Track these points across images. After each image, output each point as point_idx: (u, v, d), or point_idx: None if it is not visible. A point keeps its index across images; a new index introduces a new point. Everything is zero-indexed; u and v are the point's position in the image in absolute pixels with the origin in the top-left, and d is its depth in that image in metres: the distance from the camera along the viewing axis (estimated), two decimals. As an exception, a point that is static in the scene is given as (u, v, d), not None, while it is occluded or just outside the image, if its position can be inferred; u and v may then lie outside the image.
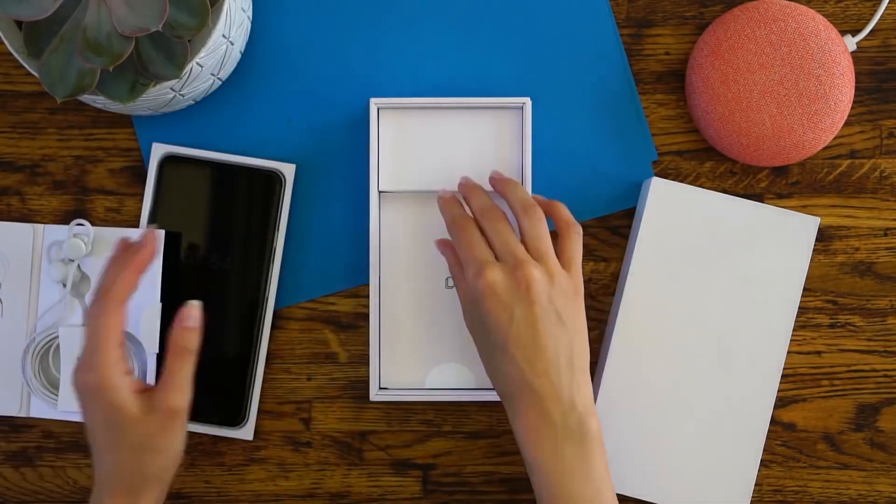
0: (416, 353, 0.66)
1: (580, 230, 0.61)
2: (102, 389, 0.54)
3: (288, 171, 0.67)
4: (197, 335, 0.57)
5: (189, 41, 0.58)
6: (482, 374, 0.65)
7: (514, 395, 0.57)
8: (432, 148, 0.65)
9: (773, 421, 0.68)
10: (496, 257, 0.58)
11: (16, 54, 0.58)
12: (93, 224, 0.67)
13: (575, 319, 0.58)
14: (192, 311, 0.57)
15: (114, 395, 0.54)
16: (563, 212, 0.61)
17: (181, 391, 0.56)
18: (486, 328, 0.57)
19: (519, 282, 0.56)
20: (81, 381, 0.55)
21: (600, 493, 0.56)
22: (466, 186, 0.63)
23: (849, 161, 0.68)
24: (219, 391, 0.67)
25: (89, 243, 0.65)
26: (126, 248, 0.57)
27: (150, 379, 0.66)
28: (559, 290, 0.57)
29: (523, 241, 0.59)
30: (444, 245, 0.63)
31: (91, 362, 0.54)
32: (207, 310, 0.67)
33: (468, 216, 0.61)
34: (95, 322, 0.55)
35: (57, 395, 0.66)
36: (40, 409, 0.67)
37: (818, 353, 0.68)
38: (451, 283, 0.65)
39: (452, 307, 0.66)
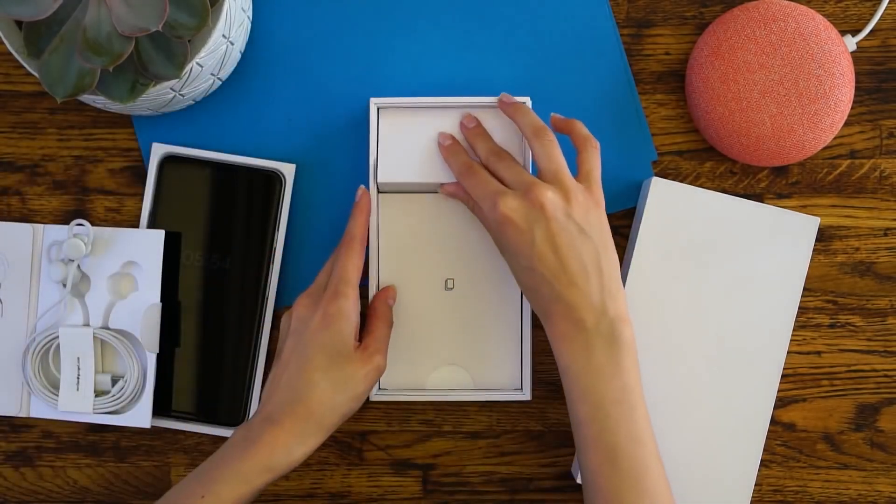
0: (415, 356, 0.66)
1: (597, 144, 0.61)
2: (341, 318, 0.59)
3: (288, 171, 0.67)
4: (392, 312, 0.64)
5: (189, 41, 0.58)
6: (481, 376, 0.66)
7: (548, 311, 0.58)
8: (432, 147, 0.65)
9: (773, 421, 0.68)
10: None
11: (16, 54, 0.58)
12: (93, 224, 0.67)
13: (599, 231, 0.58)
14: (393, 292, 0.65)
15: (347, 326, 0.59)
16: (581, 128, 0.62)
17: (385, 355, 0.61)
18: (513, 254, 0.59)
19: (533, 203, 0.57)
20: (326, 305, 0.60)
21: (629, 391, 0.56)
22: (470, 132, 0.64)
23: (849, 161, 0.68)
24: (219, 391, 0.67)
25: (89, 243, 0.65)
26: (356, 202, 0.64)
27: (150, 379, 0.66)
28: (577, 205, 0.58)
29: (537, 163, 0.60)
30: (455, 188, 0.64)
31: (339, 291, 0.60)
32: (207, 310, 0.68)
33: (475, 161, 0.63)
34: (346, 259, 0.61)
35: (57, 395, 0.66)
36: (40, 409, 0.67)
37: (818, 353, 0.68)
38: (450, 284, 0.65)
39: (452, 309, 0.66)
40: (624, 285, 0.66)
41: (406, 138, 0.65)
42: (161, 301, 0.65)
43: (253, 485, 0.57)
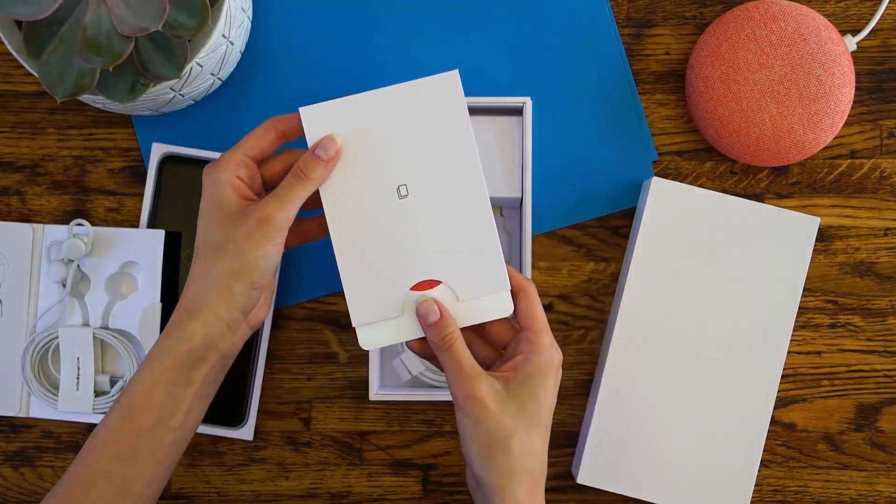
0: (385, 275, 0.56)
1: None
2: (209, 180, 0.54)
3: (288, 171, 0.67)
4: (324, 168, 0.54)
5: (189, 41, 0.58)
6: (463, 285, 0.56)
7: (533, 474, 0.53)
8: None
9: (773, 421, 0.68)
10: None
11: (16, 54, 0.58)
12: (92, 224, 0.67)
13: None
14: (329, 144, 0.54)
15: (215, 187, 0.54)
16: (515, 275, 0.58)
17: (280, 205, 0.53)
18: (536, 403, 0.53)
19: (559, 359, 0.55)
20: (203, 173, 0.55)
21: None
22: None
23: (849, 161, 0.68)
24: (219, 391, 0.67)
25: (89, 243, 0.65)
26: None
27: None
28: None
29: (528, 316, 0.56)
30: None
31: (218, 158, 0.55)
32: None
33: None
34: (246, 135, 0.55)
35: (57, 395, 0.66)
36: (40, 409, 0.67)
37: (818, 353, 0.68)
38: (403, 192, 0.55)
39: (411, 219, 0.56)
40: (624, 286, 0.66)
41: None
42: (161, 301, 0.65)
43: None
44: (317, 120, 0.55)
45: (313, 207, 0.56)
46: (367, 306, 0.56)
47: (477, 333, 0.57)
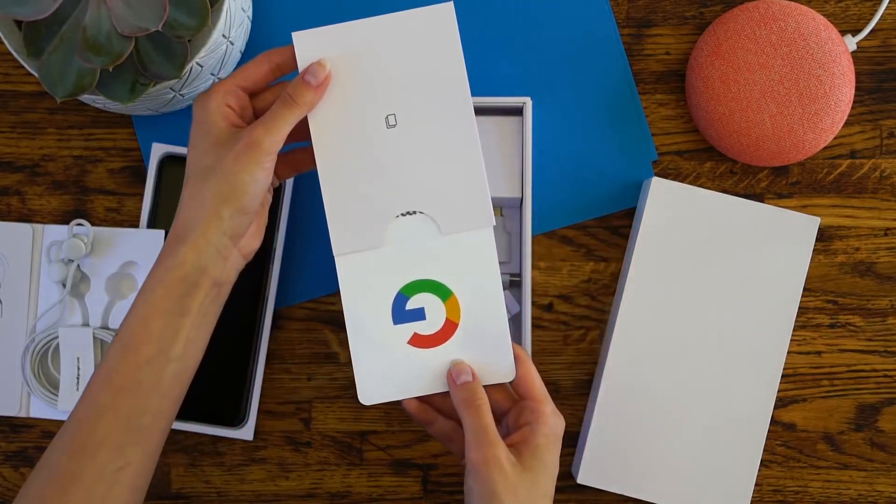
0: (367, 206, 0.56)
1: None
2: (198, 107, 0.54)
3: (288, 171, 0.67)
4: (313, 94, 0.54)
5: (189, 41, 0.58)
6: (446, 219, 0.56)
7: None
8: None
9: (773, 421, 0.68)
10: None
11: (16, 54, 0.58)
12: (92, 224, 0.67)
13: None
14: (318, 69, 0.54)
15: (203, 113, 0.53)
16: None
17: (268, 129, 0.52)
18: (546, 475, 0.54)
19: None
20: (194, 102, 0.54)
21: None
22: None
23: (849, 161, 0.68)
24: (219, 391, 0.67)
25: (89, 243, 0.65)
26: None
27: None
28: None
29: (526, 386, 0.57)
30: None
31: (209, 87, 0.54)
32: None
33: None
34: (239, 67, 0.55)
35: (57, 395, 0.66)
36: (40, 409, 0.67)
37: (818, 353, 0.68)
38: (392, 121, 0.55)
39: (399, 149, 0.56)
40: (624, 286, 0.66)
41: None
42: (161, 301, 0.65)
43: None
44: (309, 46, 0.55)
45: (303, 139, 0.56)
46: (350, 235, 0.56)
47: None
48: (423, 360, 0.56)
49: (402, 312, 0.56)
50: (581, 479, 0.65)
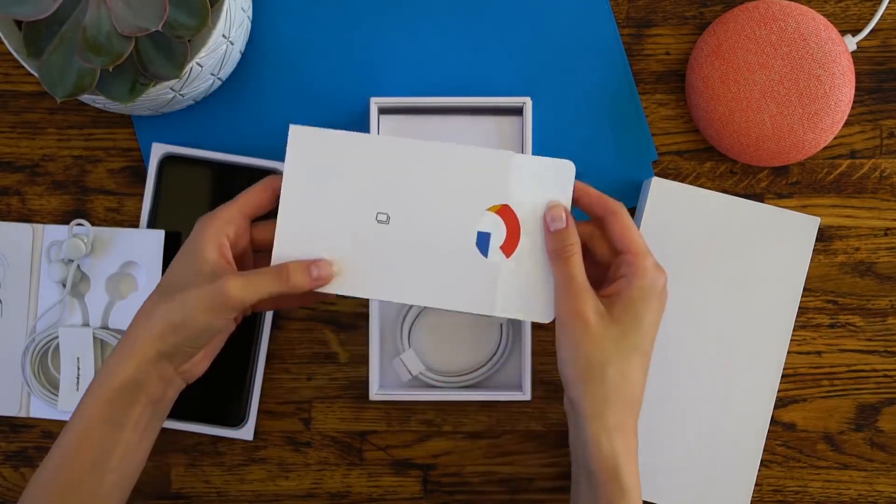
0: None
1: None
2: (198, 228, 0.54)
3: (288, 171, 0.67)
4: (308, 283, 0.54)
5: (189, 41, 0.58)
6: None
7: (627, 403, 0.53)
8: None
9: (773, 421, 0.68)
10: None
11: (16, 54, 0.58)
12: (92, 224, 0.67)
13: None
14: (324, 266, 0.54)
15: (199, 238, 0.53)
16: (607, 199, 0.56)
17: (246, 288, 0.52)
18: (637, 329, 0.53)
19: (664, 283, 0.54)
20: (197, 221, 0.55)
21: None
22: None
23: (849, 161, 0.68)
24: (219, 391, 0.67)
25: (89, 243, 0.65)
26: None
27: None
28: None
29: (626, 238, 0.55)
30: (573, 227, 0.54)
31: (214, 211, 0.54)
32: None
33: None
34: (244, 191, 0.55)
35: (57, 395, 0.66)
36: (40, 409, 0.67)
37: (818, 353, 0.68)
38: (380, 217, 0.55)
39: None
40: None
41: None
42: (161, 301, 0.65)
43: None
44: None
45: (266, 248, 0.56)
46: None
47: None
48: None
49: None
50: (581, 479, 0.65)
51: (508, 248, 0.55)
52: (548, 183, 0.55)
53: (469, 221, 0.55)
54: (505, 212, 0.55)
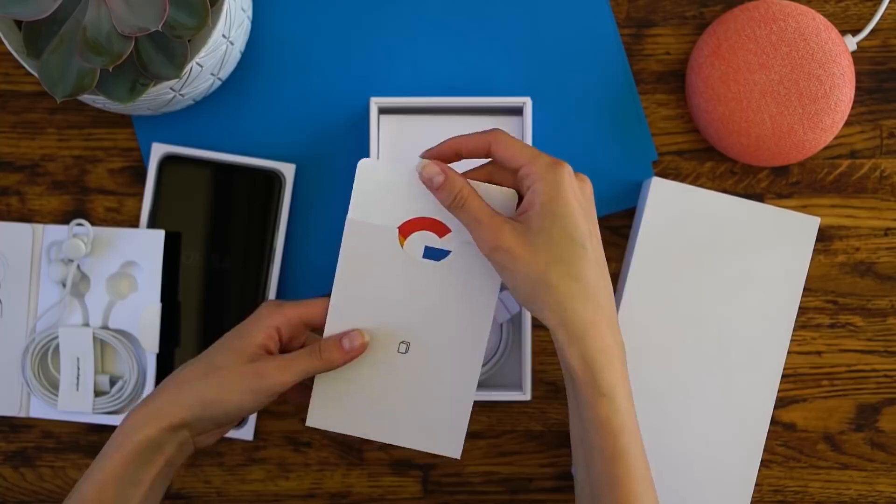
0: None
1: None
2: (260, 314, 0.55)
3: (288, 171, 0.67)
4: (342, 357, 0.55)
5: (189, 41, 0.58)
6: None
7: (590, 300, 0.51)
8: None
9: (773, 421, 0.68)
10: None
11: (16, 54, 0.58)
12: (93, 224, 0.67)
13: None
14: (356, 337, 0.56)
15: (254, 324, 0.55)
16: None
17: (281, 368, 0.54)
18: (561, 226, 0.51)
19: (581, 180, 0.53)
20: (263, 304, 0.57)
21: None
22: (446, 151, 0.55)
23: (849, 161, 0.68)
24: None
25: (89, 243, 0.65)
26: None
27: (150, 379, 0.66)
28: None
29: (511, 154, 0.53)
30: (456, 172, 0.54)
31: (284, 303, 0.56)
32: (207, 310, 0.68)
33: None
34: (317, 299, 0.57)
35: (57, 395, 0.66)
36: (40, 409, 0.67)
37: (818, 353, 0.68)
38: (402, 349, 0.57)
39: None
40: (624, 286, 0.66)
41: (406, 140, 0.65)
42: (161, 301, 0.65)
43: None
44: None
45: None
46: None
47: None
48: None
49: None
50: (581, 479, 0.65)
51: None
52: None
53: None
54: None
